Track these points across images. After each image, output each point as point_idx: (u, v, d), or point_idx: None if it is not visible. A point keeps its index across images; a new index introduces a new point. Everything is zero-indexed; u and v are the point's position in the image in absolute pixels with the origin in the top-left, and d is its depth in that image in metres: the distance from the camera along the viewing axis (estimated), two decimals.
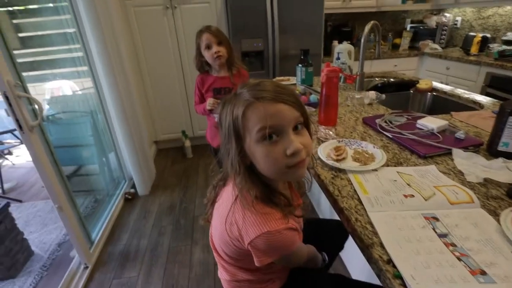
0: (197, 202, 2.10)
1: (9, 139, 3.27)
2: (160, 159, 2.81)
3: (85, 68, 2.07)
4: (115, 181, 2.38)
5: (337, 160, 0.81)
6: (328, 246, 0.86)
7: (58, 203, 1.38)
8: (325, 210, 1.68)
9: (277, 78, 1.85)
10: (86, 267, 1.59)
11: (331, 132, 0.98)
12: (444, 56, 2.76)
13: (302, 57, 1.50)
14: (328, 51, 3.01)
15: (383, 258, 0.51)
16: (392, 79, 1.71)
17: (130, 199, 2.17)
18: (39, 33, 2.37)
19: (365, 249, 0.54)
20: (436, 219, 0.59)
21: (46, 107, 2.44)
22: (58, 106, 2.43)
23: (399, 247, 0.52)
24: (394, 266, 0.49)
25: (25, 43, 2.31)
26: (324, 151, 0.87)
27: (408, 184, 0.70)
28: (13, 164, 3.10)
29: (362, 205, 0.64)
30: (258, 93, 0.53)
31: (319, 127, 1.05)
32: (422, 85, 1.57)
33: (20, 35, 2.34)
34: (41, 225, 2.13)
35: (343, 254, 1.47)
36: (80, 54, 2.03)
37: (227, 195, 0.61)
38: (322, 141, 0.96)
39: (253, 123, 0.52)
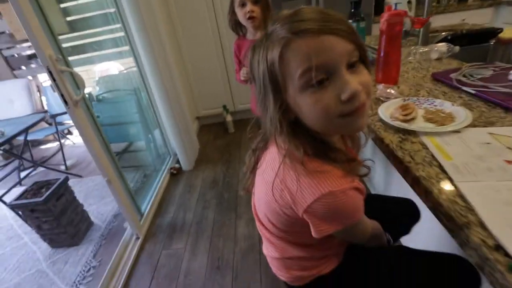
0: (240, 176, 2.06)
1: (68, 120, 3.57)
2: (203, 135, 2.82)
3: (126, 48, 2.08)
4: (161, 157, 2.45)
5: (405, 121, 0.66)
6: (391, 229, 0.73)
7: (107, 176, 1.43)
8: (378, 184, 1.50)
9: None
10: (138, 238, 1.67)
11: (393, 91, 0.82)
12: None
13: (352, 10, 1.29)
14: (381, 9, 2.63)
15: (488, 242, 0.37)
16: (463, 31, 1.41)
17: (175, 174, 2.22)
18: (83, 15, 2.45)
19: (457, 230, 0.41)
20: None
21: (96, 88, 2.57)
22: (105, 86, 2.54)
23: (509, 229, 0.38)
24: (507, 254, 0.35)
25: (71, 26, 2.40)
26: (386, 111, 0.71)
27: (509, 148, 0.53)
28: (74, 143, 3.38)
29: (446, 173, 0.49)
30: (297, 26, 0.41)
31: (377, 85, 0.89)
32: (507, 34, 1.26)
33: (68, 19, 2.43)
34: (99, 198, 2.29)
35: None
36: (121, 34, 2.04)
37: (271, 157, 0.51)
38: (383, 101, 0.80)
39: (294, 67, 0.42)
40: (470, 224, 0.40)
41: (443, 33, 1.45)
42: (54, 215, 1.69)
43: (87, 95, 2.34)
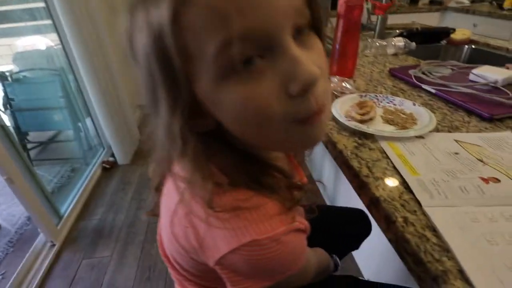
0: None
1: None
2: (148, 125, 2.53)
3: (48, 21, 1.72)
4: (93, 149, 2.13)
5: (362, 121, 0.54)
6: (341, 243, 0.62)
7: (6, 174, 1.13)
8: (329, 191, 1.43)
9: None
10: (53, 245, 1.39)
11: (348, 85, 0.70)
12: (471, 10, 2.37)
13: None
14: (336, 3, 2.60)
15: None
16: (418, 28, 1.38)
17: (109, 168, 1.93)
18: None
19: (429, 281, 0.29)
20: None
21: (11, 66, 2.13)
22: (23, 64, 2.12)
23: (499, 283, 0.27)
24: None
25: None
26: (341, 108, 0.59)
27: (481, 160, 0.44)
28: None
29: (411, 193, 0.38)
30: None
31: (331, 77, 0.77)
32: (458, 35, 1.25)
33: None
34: (10, 196, 1.91)
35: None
36: (40, 4, 1.67)
37: (171, 181, 0.33)
38: (337, 96, 0.68)
39: (201, 38, 0.23)
40: (447, 274, 0.28)
41: (397, 30, 1.41)
42: None
43: None
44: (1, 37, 2.48)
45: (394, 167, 0.43)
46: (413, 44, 1.02)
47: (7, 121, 1.88)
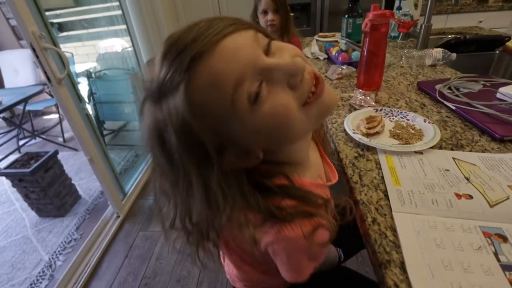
0: None
1: None
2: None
3: (123, 26, 2.04)
4: None
5: (368, 135, 0.61)
6: (350, 240, 0.69)
7: (89, 155, 1.43)
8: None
9: (320, 33, 1.57)
10: (118, 216, 1.69)
11: (368, 98, 0.76)
12: None
13: (350, 5, 1.21)
14: (388, 3, 2.49)
15: (400, 287, 0.34)
16: (468, 36, 1.31)
17: None
18: None
19: (377, 266, 0.37)
20: (504, 238, 0.38)
21: (95, 65, 2.56)
22: (104, 64, 2.52)
23: (430, 276, 0.34)
24: None
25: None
26: (352, 122, 0.66)
27: (467, 178, 0.48)
28: None
29: (388, 200, 0.45)
30: (182, 61, 0.30)
31: (355, 90, 0.83)
32: None
33: None
34: (90, 173, 2.32)
35: None
36: (118, 12, 1.99)
37: None
38: (355, 109, 0.75)
39: (217, 103, 0.31)
40: (390, 263, 0.36)
41: (449, 36, 1.36)
42: (41, 186, 1.71)
43: (85, 71, 2.34)
44: (89, 39, 2.97)
45: (382, 177, 0.50)
46: (454, 55, 1.01)
47: (90, 111, 2.29)
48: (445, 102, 0.73)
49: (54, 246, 1.64)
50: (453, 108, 0.70)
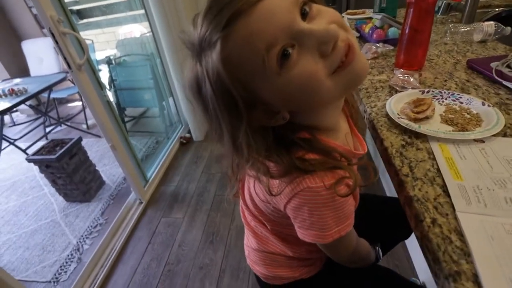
0: None
1: None
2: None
3: (141, 11, 2.00)
4: (173, 125, 2.44)
5: (416, 120, 0.54)
6: (388, 233, 0.63)
7: (111, 141, 1.43)
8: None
9: (349, 11, 1.45)
10: (141, 203, 1.70)
11: (411, 79, 0.67)
12: None
13: None
14: None
15: None
16: None
17: (185, 143, 2.21)
18: None
19: (442, 278, 0.31)
20: None
21: (115, 51, 2.55)
22: (124, 50, 2.51)
23: None
24: None
25: None
26: (395, 105, 0.59)
27: None
28: None
29: (449, 197, 0.39)
30: (220, 19, 0.31)
31: (395, 70, 0.74)
32: None
33: None
34: (113, 159, 2.35)
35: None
36: None
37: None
38: (397, 91, 0.66)
39: (249, 60, 0.32)
40: (460, 275, 0.30)
41: (497, 10, 1.20)
42: (67, 172, 1.75)
43: (105, 58, 2.34)
44: (108, 26, 2.97)
45: (438, 170, 0.43)
46: (508, 28, 0.88)
47: (111, 98, 2.30)
48: (504, 82, 0.63)
49: (81, 230, 1.69)
50: None
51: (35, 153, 1.77)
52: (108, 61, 2.33)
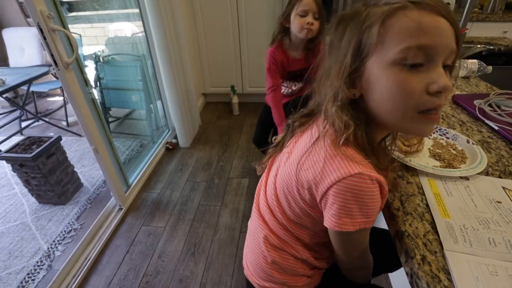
0: (234, 163, 2.00)
1: None
2: (207, 112, 2.74)
3: (135, 10, 1.97)
4: (160, 129, 2.40)
5: (406, 153, 0.56)
6: (376, 263, 0.65)
7: (94, 144, 1.38)
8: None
9: None
10: (121, 209, 1.65)
11: None
12: None
13: None
14: None
15: None
16: (502, 48, 1.25)
17: (171, 149, 2.17)
18: None
19: None
20: None
21: (103, 49, 2.49)
22: (113, 48, 2.45)
23: None
24: None
25: None
26: None
27: None
28: None
29: (437, 234, 0.41)
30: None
31: None
32: None
33: None
34: (93, 160, 2.28)
35: None
36: None
37: (306, 140, 0.49)
38: None
39: (396, 37, 0.37)
40: None
41: (479, 46, 1.29)
42: (42, 173, 1.67)
43: (93, 54, 2.28)
44: (98, 21, 2.90)
45: (427, 205, 0.45)
46: (489, 68, 0.95)
47: (96, 96, 2.23)
48: (486, 121, 0.67)
49: (54, 235, 1.60)
50: (496, 128, 0.65)
51: (8, 150, 1.68)
52: (95, 58, 2.26)
